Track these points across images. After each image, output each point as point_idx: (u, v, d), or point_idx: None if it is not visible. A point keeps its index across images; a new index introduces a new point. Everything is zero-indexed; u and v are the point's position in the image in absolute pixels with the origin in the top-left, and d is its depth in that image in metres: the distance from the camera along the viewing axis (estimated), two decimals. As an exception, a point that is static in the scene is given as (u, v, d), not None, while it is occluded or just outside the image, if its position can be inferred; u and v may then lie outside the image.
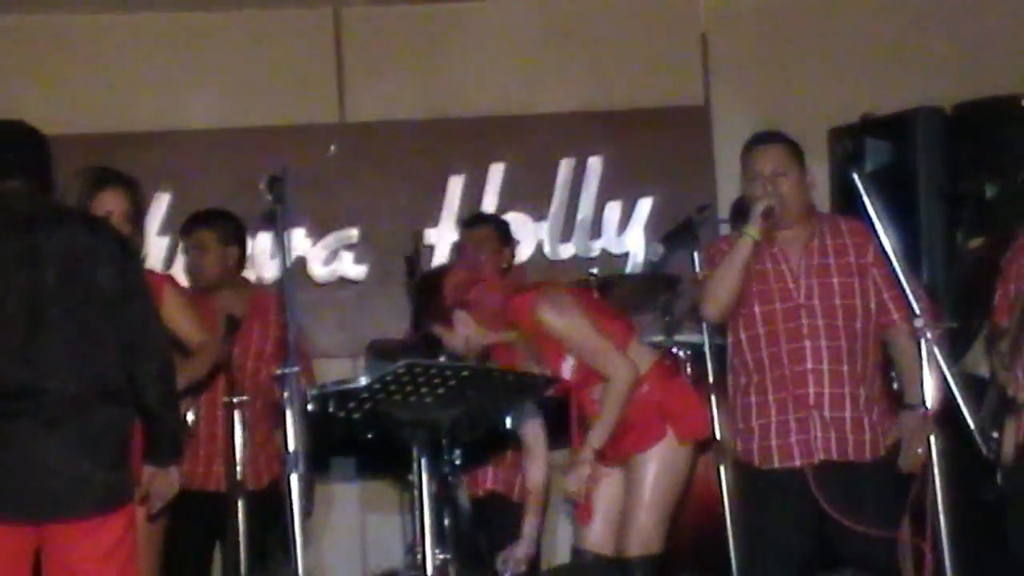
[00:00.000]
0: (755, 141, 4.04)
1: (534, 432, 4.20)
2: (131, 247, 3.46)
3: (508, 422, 4.09)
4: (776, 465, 3.89)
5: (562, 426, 4.10)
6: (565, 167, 5.65)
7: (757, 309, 3.94)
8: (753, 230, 3.89)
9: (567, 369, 3.96)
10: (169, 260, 5.48)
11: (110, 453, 3.21)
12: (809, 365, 3.87)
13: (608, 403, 3.93)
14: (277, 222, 3.54)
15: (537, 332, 3.94)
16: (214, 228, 4.71)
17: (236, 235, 4.77)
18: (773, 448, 3.90)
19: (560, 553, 4.92)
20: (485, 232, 4.82)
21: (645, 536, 3.90)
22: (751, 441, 3.94)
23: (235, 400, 4.15)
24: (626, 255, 5.64)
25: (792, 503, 3.85)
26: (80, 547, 3.18)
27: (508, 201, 5.59)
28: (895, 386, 4.66)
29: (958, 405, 3.46)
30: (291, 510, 3.28)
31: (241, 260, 4.79)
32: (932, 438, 3.45)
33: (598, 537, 3.99)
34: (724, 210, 5.26)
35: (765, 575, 3.90)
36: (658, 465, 3.92)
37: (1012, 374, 4.02)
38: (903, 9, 5.66)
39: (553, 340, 3.94)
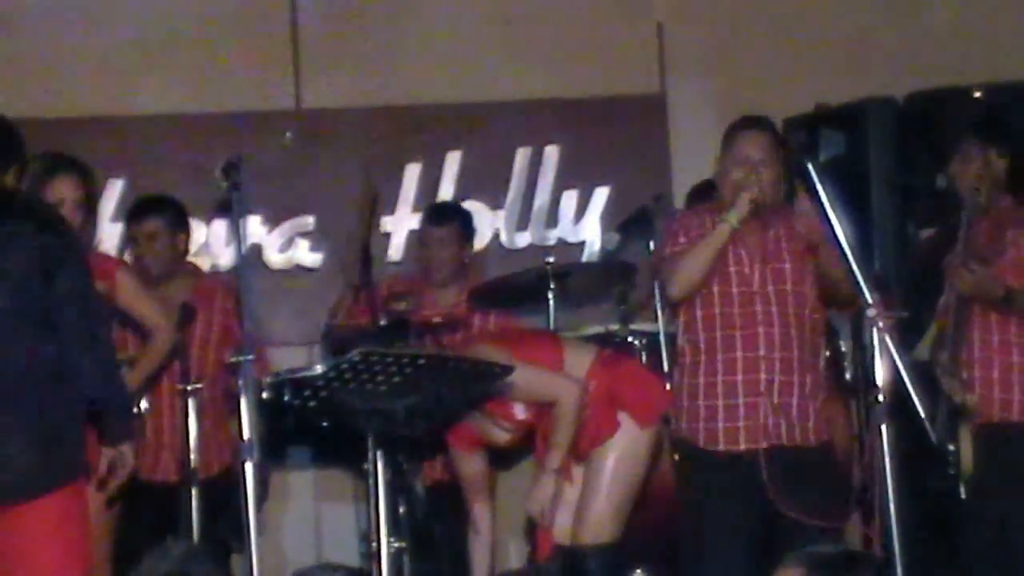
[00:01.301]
0: (745, 124, 4.03)
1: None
2: (64, 222, 3.40)
3: (464, 409, 4.09)
4: (721, 447, 3.90)
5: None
6: (521, 156, 5.65)
7: (716, 290, 3.95)
8: (735, 218, 3.90)
9: (519, 411, 4.00)
10: (123, 247, 5.44)
11: (57, 431, 3.18)
12: (762, 352, 3.89)
13: (560, 427, 3.96)
14: (232, 209, 3.53)
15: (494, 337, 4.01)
16: (162, 215, 4.68)
17: (183, 221, 4.74)
18: (719, 430, 3.91)
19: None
20: (449, 231, 4.84)
21: (599, 525, 3.92)
22: (696, 421, 3.94)
23: (188, 388, 4.13)
24: (582, 244, 5.65)
25: (735, 486, 3.87)
26: (24, 525, 3.16)
27: (464, 190, 5.59)
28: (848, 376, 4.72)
29: (909, 394, 3.48)
30: (245, 498, 3.27)
31: (187, 247, 4.75)
32: (883, 427, 3.48)
33: (557, 528, 3.99)
34: (679, 199, 5.29)
35: (712, 557, 3.89)
36: (616, 456, 3.94)
37: (956, 380, 4.07)
38: (855, 0, 5.70)
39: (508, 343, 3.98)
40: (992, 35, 5.61)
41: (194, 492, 4.10)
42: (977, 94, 5.23)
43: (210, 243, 5.58)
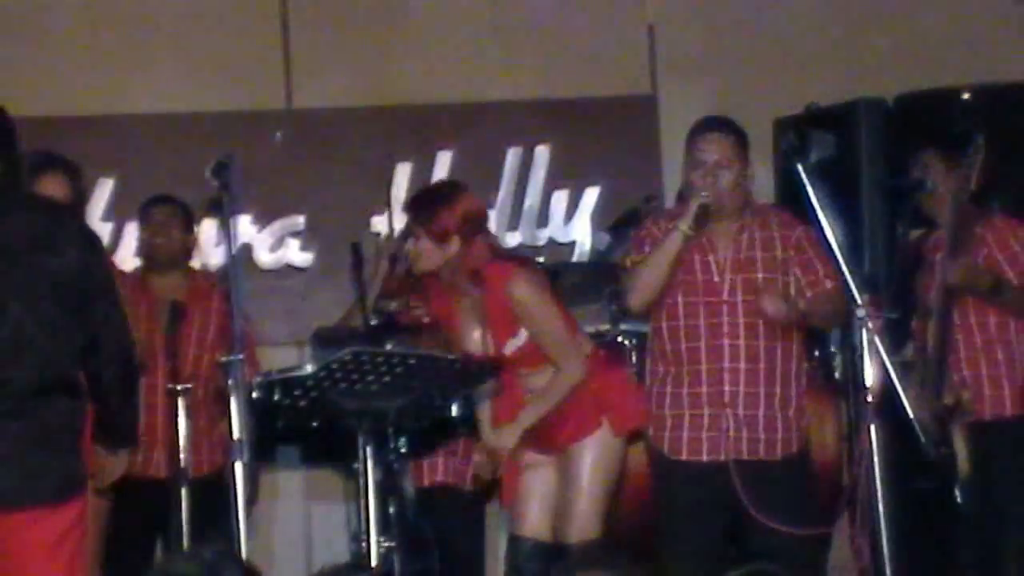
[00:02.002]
0: (702, 127, 3.99)
1: None
2: (97, 238, 3.41)
3: (455, 410, 4.09)
4: (684, 457, 3.91)
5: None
6: (512, 156, 5.65)
7: (680, 299, 3.93)
8: (685, 225, 3.86)
9: (511, 346, 3.93)
10: (113, 246, 5.43)
11: (64, 443, 3.18)
12: (727, 364, 3.88)
13: (551, 392, 3.93)
14: (223, 209, 3.53)
15: (500, 302, 3.89)
16: (180, 209, 4.75)
17: (192, 222, 4.84)
18: (683, 440, 3.91)
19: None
20: None
21: (584, 523, 3.90)
22: (662, 429, 3.95)
23: (179, 388, 4.13)
24: (573, 244, 5.65)
25: (697, 496, 3.87)
26: (27, 537, 3.15)
27: (455, 189, 5.59)
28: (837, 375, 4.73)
29: (897, 394, 3.49)
30: (235, 498, 3.27)
31: (193, 247, 4.82)
32: (872, 428, 3.49)
33: (535, 524, 3.97)
34: (670, 200, 5.29)
35: (672, 559, 3.91)
36: (594, 454, 3.91)
37: (947, 387, 4.08)
38: (847, 2, 5.71)
39: (512, 315, 3.90)
40: (981, 37, 5.63)
41: (184, 491, 4.10)
42: (966, 96, 5.26)
43: (200, 243, 5.57)
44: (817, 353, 4.72)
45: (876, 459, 3.46)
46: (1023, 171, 5.10)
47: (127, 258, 5.29)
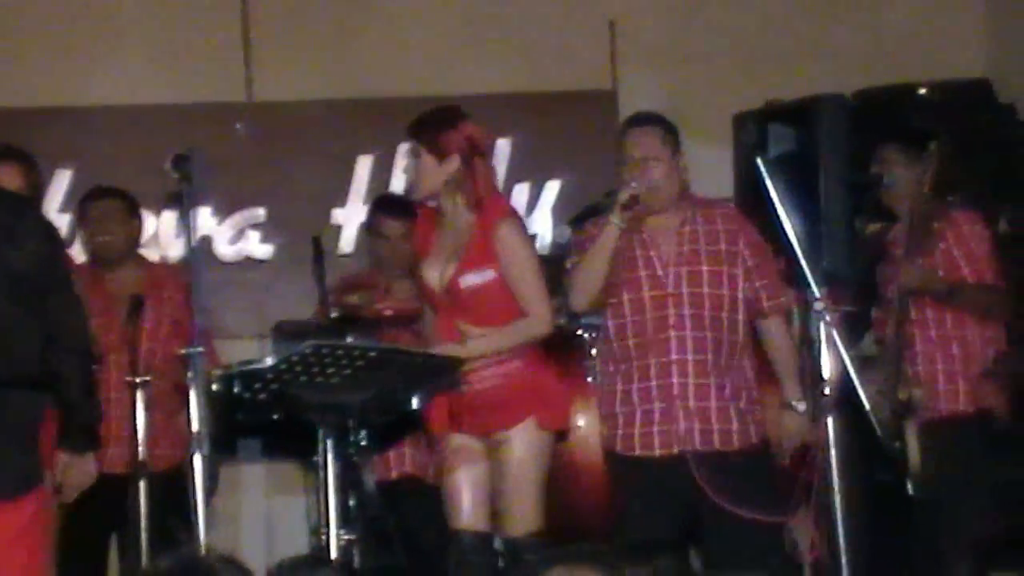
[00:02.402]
0: (628, 124, 4.02)
1: None
2: (56, 231, 3.38)
3: (415, 403, 4.09)
4: (637, 452, 3.91)
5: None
6: (474, 149, 5.65)
7: (626, 297, 3.93)
8: (616, 218, 3.87)
9: (470, 280, 3.88)
10: (70, 238, 5.39)
11: (23, 437, 3.16)
12: (674, 356, 3.88)
13: (513, 330, 3.88)
14: (183, 201, 3.51)
15: (485, 233, 3.87)
16: (118, 199, 4.68)
17: (136, 211, 4.76)
18: (635, 436, 3.91)
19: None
20: (405, 223, 4.83)
21: (526, 516, 3.88)
22: (614, 428, 3.95)
23: (138, 380, 4.10)
24: (534, 238, 5.65)
25: (651, 491, 3.87)
26: None
27: (417, 182, 5.58)
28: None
29: (855, 388, 3.53)
30: (195, 491, 3.26)
31: (140, 236, 4.73)
32: (830, 420, 3.52)
33: (472, 515, 3.94)
34: (631, 194, 5.31)
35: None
36: (523, 447, 3.87)
37: (902, 381, 4.12)
38: (806, -2, 5.76)
39: (489, 251, 3.87)
40: (939, 34, 5.68)
41: (142, 485, 4.07)
42: (924, 92, 5.31)
43: (159, 235, 5.54)
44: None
45: (833, 451, 3.49)
46: (981, 166, 5.17)
47: (84, 250, 5.26)
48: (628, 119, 4.04)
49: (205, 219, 5.50)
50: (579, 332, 4.56)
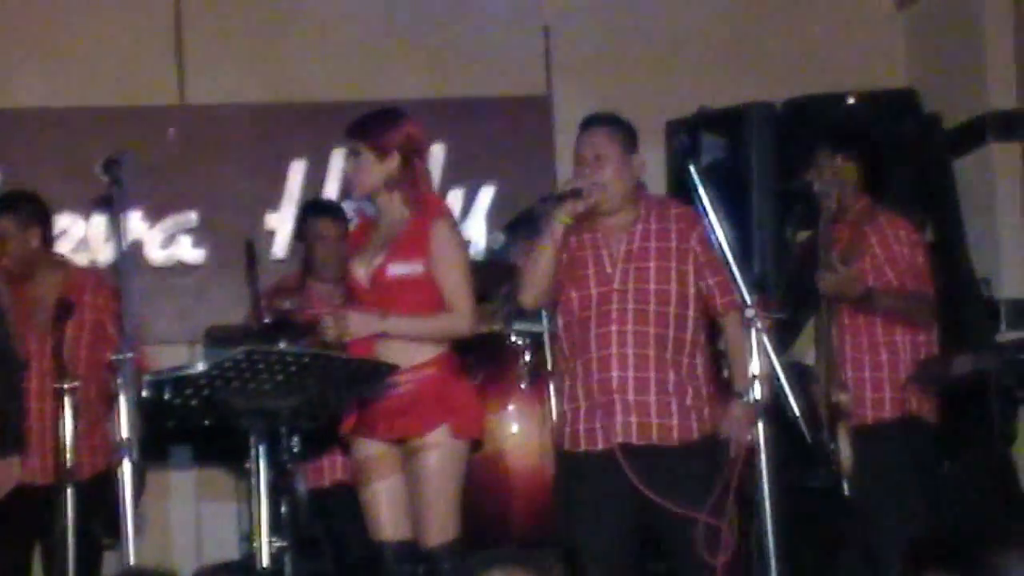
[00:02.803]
0: (582, 124, 4.01)
1: None
2: None
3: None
4: (581, 448, 3.90)
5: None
6: (408, 154, 5.65)
7: (574, 295, 3.93)
8: (560, 213, 3.87)
9: (398, 270, 3.87)
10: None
11: None
12: (614, 349, 3.86)
13: (433, 320, 3.87)
14: (113, 205, 3.48)
15: (421, 229, 3.87)
16: (9, 213, 4.55)
17: (36, 215, 4.60)
18: (580, 432, 3.90)
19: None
20: (338, 226, 4.82)
21: (441, 525, 3.85)
22: (563, 425, 3.95)
23: (65, 386, 4.04)
24: (467, 243, 5.67)
25: (595, 486, 3.85)
26: None
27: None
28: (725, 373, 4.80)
29: (784, 393, 3.56)
30: (123, 499, 3.22)
31: (46, 239, 4.63)
32: (760, 425, 3.54)
33: (393, 525, 3.91)
34: (565, 200, 5.33)
35: (586, 555, 3.86)
36: (438, 455, 3.85)
37: (832, 382, 4.17)
38: (738, 7, 5.81)
39: (422, 246, 3.87)
40: (865, 44, 5.77)
41: (70, 493, 4.01)
42: (851, 100, 5.39)
43: (89, 239, 5.48)
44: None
45: (763, 456, 3.52)
46: (905, 173, 5.26)
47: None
48: (581, 121, 4.03)
49: (136, 223, 5.45)
50: (512, 338, 4.58)
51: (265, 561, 3.52)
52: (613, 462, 3.84)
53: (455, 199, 5.67)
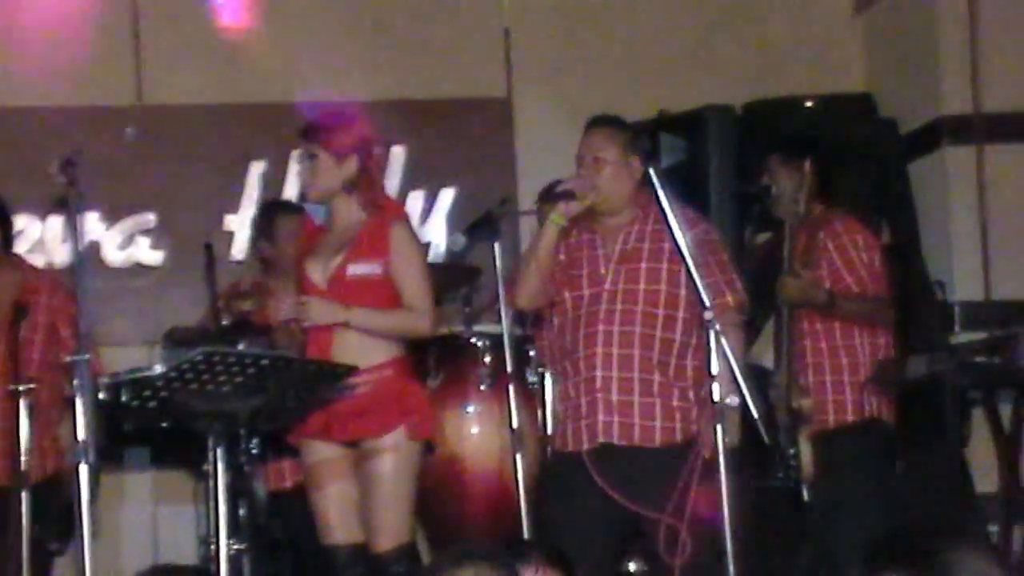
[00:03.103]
0: (586, 125, 4.04)
1: None
2: None
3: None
4: (569, 448, 3.92)
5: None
6: (368, 156, 5.64)
7: (567, 295, 3.96)
8: (555, 214, 3.90)
9: (358, 269, 3.87)
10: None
11: None
12: (599, 349, 3.87)
13: (397, 316, 3.87)
14: (69, 205, 3.45)
15: (381, 231, 3.88)
16: None
17: None
18: (569, 431, 3.93)
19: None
20: (299, 226, 4.80)
21: (395, 529, 3.85)
22: (556, 425, 4.00)
23: (21, 388, 4.01)
24: (428, 245, 5.66)
25: (585, 485, 3.86)
26: None
27: (310, 189, 5.55)
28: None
29: (743, 394, 3.58)
30: (79, 501, 3.20)
31: (6, 240, 4.57)
32: (719, 428, 3.56)
33: (344, 529, 3.90)
34: (524, 202, 5.35)
35: (573, 552, 3.91)
36: (394, 458, 3.85)
37: (793, 389, 4.19)
38: (697, 11, 5.84)
39: (382, 247, 3.88)
40: (822, 49, 5.82)
41: (24, 497, 3.98)
42: (809, 104, 5.43)
43: (45, 240, 5.43)
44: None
45: (722, 458, 3.53)
46: (863, 178, 5.30)
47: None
48: (588, 120, 4.06)
49: (93, 224, 5.41)
50: (472, 340, 4.58)
51: (223, 564, 3.50)
52: (589, 461, 3.86)
53: (416, 201, 5.67)
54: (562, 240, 3.99)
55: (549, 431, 4.23)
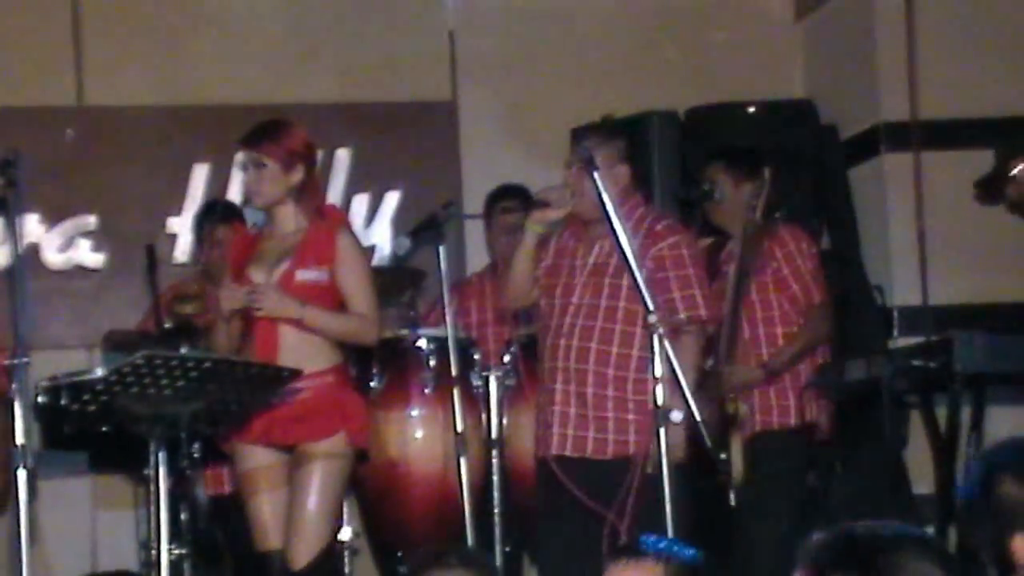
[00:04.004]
0: (576, 131, 4.21)
1: None
2: None
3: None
4: (542, 453, 4.05)
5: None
6: (312, 159, 5.62)
7: (543, 302, 4.08)
8: (531, 224, 4.00)
9: (305, 276, 3.86)
10: None
11: None
12: (560, 363, 4.00)
13: (346, 318, 3.88)
14: (7, 207, 3.42)
15: (327, 238, 3.88)
16: None
17: None
18: (539, 438, 4.08)
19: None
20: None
21: (312, 542, 3.83)
22: (537, 428, 4.11)
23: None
24: (372, 248, 5.64)
25: (554, 489, 3.97)
26: None
27: (253, 191, 5.52)
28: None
29: (687, 401, 3.61)
30: (18, 507, 3.17)
31: None
32: (662, 431, 3.59)
33: (276, 534, 3.87)
34: (469, 205, 5.36)
35: (544, 552, 4.01)
36: (332, 463, 3.84)
37: (729, 395, 4.25)
38: (639, 17, 5.87)
39: (328, 254, 3.88)
40: (764, 55, 5.87)
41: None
42: (751, 110, 5.48)
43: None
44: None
45: (665, 462, 3.56)
46: (803, 184, 5.35)
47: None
48: (576, 127, 4.11)
49: (33, 226, 5.35)
50: (417, 343, 4.58)
51: (164, 569, 3.48)
52: (553, 468, 3.96)
53: (360, 204, 5.65)
54: (554, 242, 4.09)
55: (493, 434, 4.28)
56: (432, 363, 4.51)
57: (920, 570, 1.88)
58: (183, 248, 5.51)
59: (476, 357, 4.47)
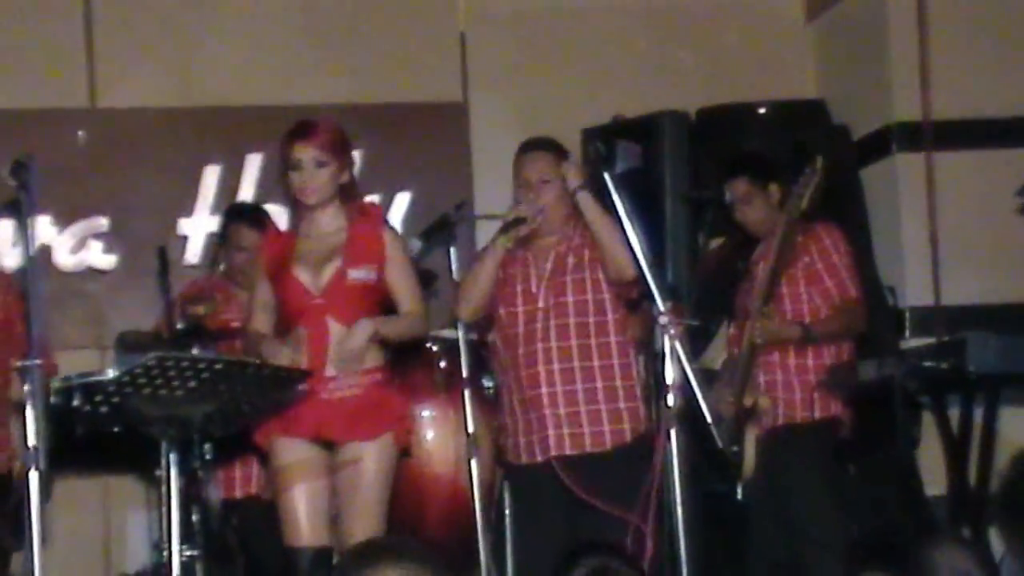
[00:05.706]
0: (523, 148, 4.17)
1: None
2: None
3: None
4: (523, 461, 4.06)
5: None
6: (323, 160, 5.62)
7: (502, 312, 4.10)
8: (503, 238, 4.03)
9: (357, 275, 3.89)
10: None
11: None
12: (541, 368, 4.03)
13: (407, 322, 3.94)
14: (20, 209, 3.43)
15: (374, 234, 3.93)
16: None
17: None
18: (520, 445, 4.08)
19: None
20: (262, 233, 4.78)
21: (373, 525, 3.83)
22: (506, 437, 4.13)
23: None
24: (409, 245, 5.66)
25: (536, 497, 4.00)
26: None
27: (265, 192, 5.53)
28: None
29: (696, 399, 3.61)
30: (29, 507, 3.18)
31: None
32: (673, 431, 3.59)
33: (311, 531, 3.87)
34: (481, 207, 5.36)
35: (522, 561, 4.00)
36: (378, 464, 3.86)
37: (749, 389, 4.24)
38: (652, 18, 5.88)
39: (374, 251, 3.91)
40: (775, 56, 5.87)
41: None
42: (762, 111, 5.48)
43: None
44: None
45: (676, 461, 3.56)
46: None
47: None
48: (521, 145, 4.19)
49: (45, 228, 5.37)
50: (428, 344, 4.58)
51: (176, 570, 3.49)
52: (549, 474, 3.99)
53: (371, 205, 5.66)
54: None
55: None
56: (443, 364, 4.52)
57: (960, 567, 1.88)
58: (194, 249, 5.52)
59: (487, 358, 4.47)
